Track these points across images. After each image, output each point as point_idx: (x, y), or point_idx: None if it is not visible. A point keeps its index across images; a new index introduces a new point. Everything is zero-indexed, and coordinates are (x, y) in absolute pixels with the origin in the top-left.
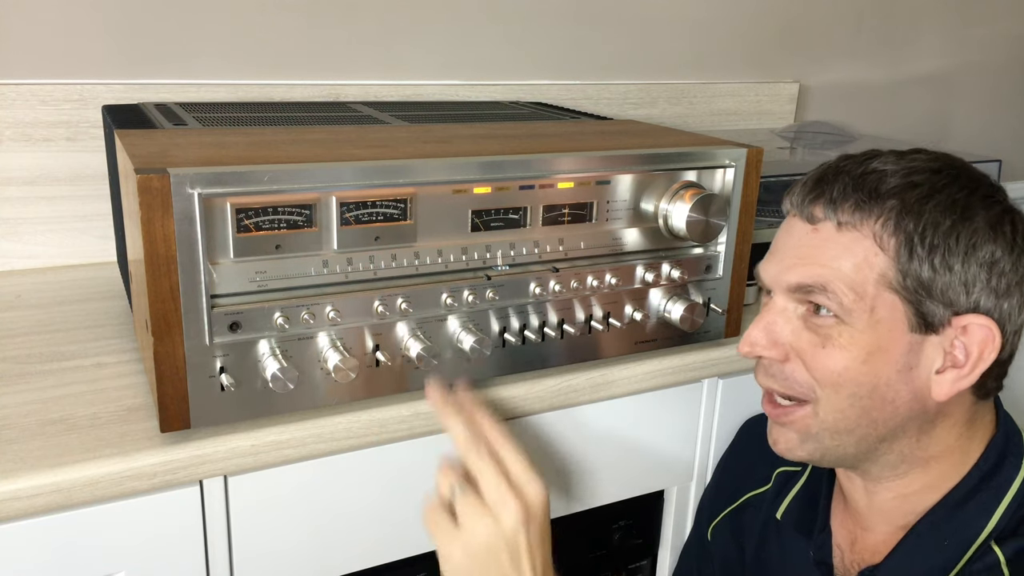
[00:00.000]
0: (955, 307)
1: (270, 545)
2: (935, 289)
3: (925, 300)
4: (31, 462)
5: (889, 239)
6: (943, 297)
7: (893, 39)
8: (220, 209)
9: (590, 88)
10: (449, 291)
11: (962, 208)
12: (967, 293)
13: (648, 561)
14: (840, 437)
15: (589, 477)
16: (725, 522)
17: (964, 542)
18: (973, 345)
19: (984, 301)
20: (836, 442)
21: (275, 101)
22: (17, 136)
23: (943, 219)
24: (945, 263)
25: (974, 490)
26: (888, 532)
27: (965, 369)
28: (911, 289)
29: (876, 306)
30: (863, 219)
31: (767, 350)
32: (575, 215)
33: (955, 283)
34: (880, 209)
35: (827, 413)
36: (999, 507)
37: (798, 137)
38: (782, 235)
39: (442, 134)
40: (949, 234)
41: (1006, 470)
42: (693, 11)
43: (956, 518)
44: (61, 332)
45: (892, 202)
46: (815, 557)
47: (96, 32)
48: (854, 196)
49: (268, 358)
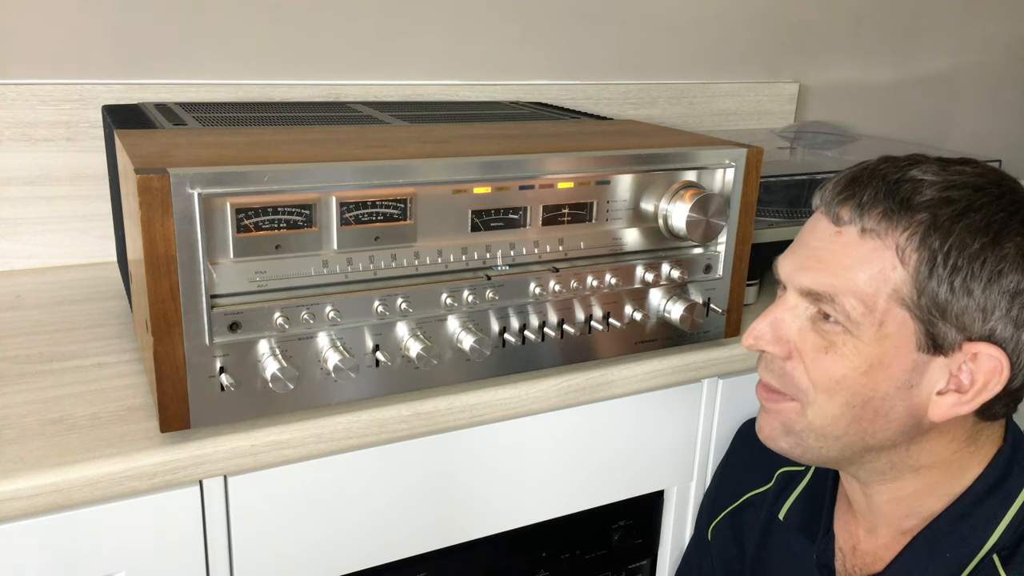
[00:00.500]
0: (968, 332)
1: (270, 545)
2: (950, 312)
3: (938, 321)
4: (31, 462)
5: (912, 254)
6: (957, 321)
7: (893, 39)
8: (220, 209)
9: (590, 88)
10: (449, 291)
11: (996, 231)
12: (984, 320)
13: (648, 561)
14: (824, 440)
15: (589, 477)
16: (726, 522)
17: (966, 555)
18: (980, 373)
19: (1001, 330)
20: (819, 444)
21: (275, 101)
22: (17, 136)
23: (972, 241)
24: (965, 286)
25: (978, 502)
26: (889, 536)
27: (967, 396)
28: (924, 308)
29: (885, 321)
30: (888, 229)
31: (771, 345)
32: (575, 215)
33: (972, 308)
34: (908, 221)
35: (816, 416)
36: (1004, 519)
37: (798, 137)
38: (807, 231)
39: (442, 134)
40: (976, 257)
41: (1012, 481)
42: (693, 11)
43: (959, 530)
44: (61, 332)
45: (923, 216)
46: (818, 560)
47: (96, 32)
48: (884, 203)
49: (268, 358)
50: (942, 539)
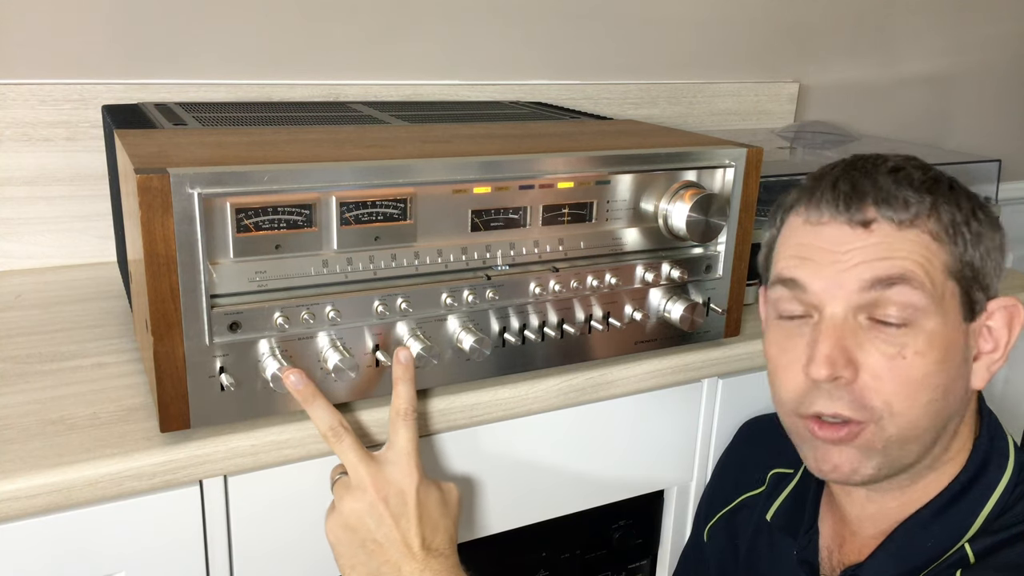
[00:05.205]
0: (989, 292)
1: (270, 545)
2: (981, 275)
3: (974, 286)
4: (31, 462)
5: (940, 231)
6: (983, 282)
7: (893, 39)
8: (220, 209)
9: (590, 88)
10: (449, 291)
11: (967, 197)
12: (997, 277)
13: (648, 561)
14: (907, 446)
15: (589, 477)
16: (721, 523)
17: (946, 543)
18: (1000, 328)
19: (995, 284)
20: (902, 452)
21: (275, 101)
22: (17, 136)
23: (967, 207)
24: (984, 248)
25: (959, 495)
26: (874, 536)
27: (997, 353)
28: (967, 277)
29: (944, 294)
30: (917, 214)
31: (845, 369)
32: (575, 215)
33: (991, 268)
34: (921, 203)
35: (899, 427)
36: (984, 509)
37: (798, 137)
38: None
39: (442, 134)
40: (978, 222)
41: (990, 473)
42: (693, 11)
43: (940, 521)
44: (61, 332)
45: (929, 197)
46: (799, 556)
47: (96, 32)
48: (902, 194)
49: (268, 358)
50: (924, 529)
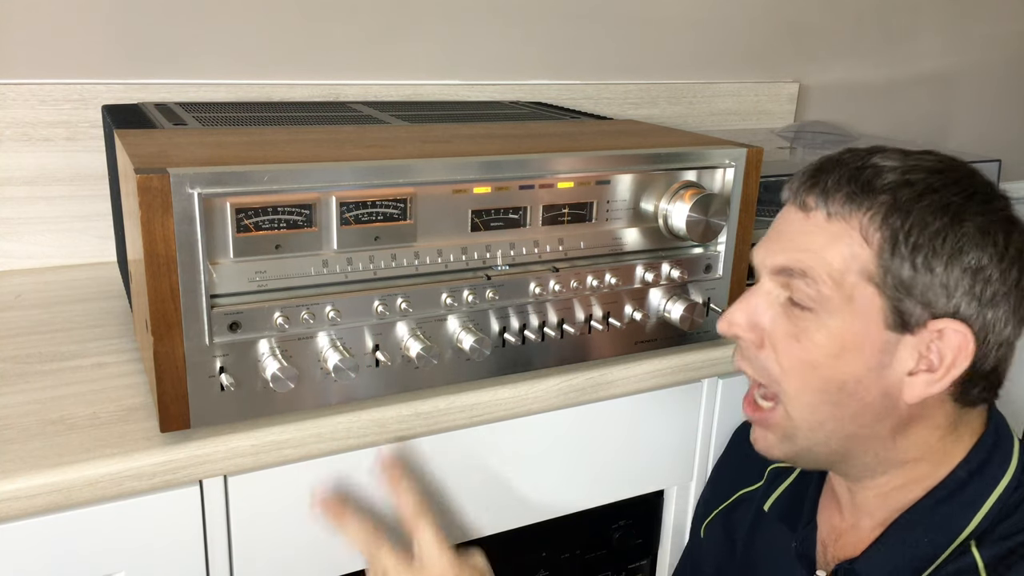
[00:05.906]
0: (933, 309)
1: (270, 545)
2: (915, 289)
3: (904, 298)
4: (31, 462)
5: (875, 233)
6: (922, 298)
7: (893, 39)
8: (220, 209)
9: (590, 88)
10: (449, 291)
11: (954, 212)
12: (947, 297)
13: (648, 561)
14: (813, 434)
15: (589, 477)
16: (718, 519)
17: (943, 540)
18: (947, 350)
19: (965, 307)
20: (810, 441)
21: (275, 101)
22: (17, 136)
23: (932, 220)
24: (927, 264)
25: (958, 489)
26: (870, 528)
27: (938, 374)
28: (891, 286)
29: (854, 296)
30: (852, 211)
31: (745, 332)
32: (575, 215)
33: (935, 285)
34: (871, 203)
35: (795, 409)
36: (983, 507)
37: (798, 137)
38: (777, 221)
39: (442, 134)
40: (936, 236)
41: (992, 469)
42: (693, 11)
43: (937, 515)
44: (61, 332)
45: (884, 197)
46: (797, 549)
47: (96, 32)
48: (847, 188)
49: (268, 358)
50: (920, 523)
